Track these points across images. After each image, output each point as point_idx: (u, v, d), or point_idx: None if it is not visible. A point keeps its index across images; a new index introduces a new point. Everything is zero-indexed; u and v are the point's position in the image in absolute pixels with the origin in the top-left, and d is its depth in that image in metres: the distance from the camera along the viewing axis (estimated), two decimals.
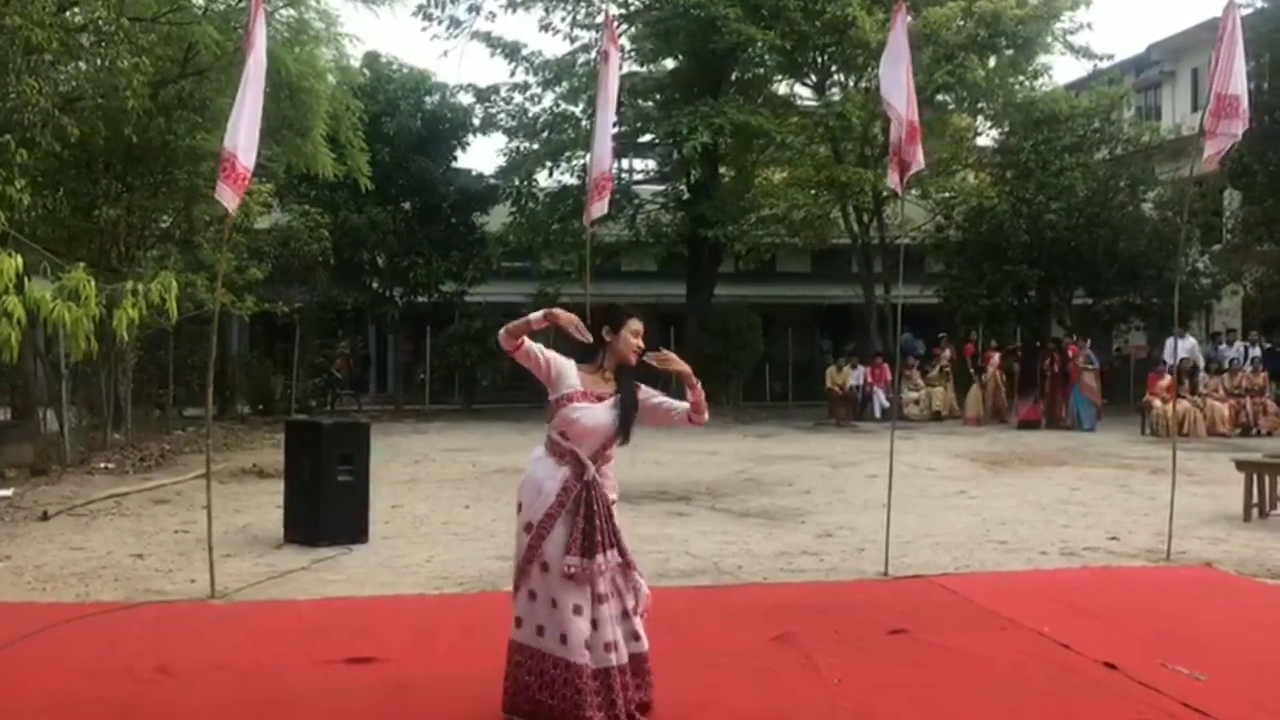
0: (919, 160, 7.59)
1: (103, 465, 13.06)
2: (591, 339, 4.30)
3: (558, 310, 4.26)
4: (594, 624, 4.21)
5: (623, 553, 4.33)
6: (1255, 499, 9.74)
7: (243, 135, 6.62)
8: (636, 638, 4.34)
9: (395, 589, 6.99)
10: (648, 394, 4.43)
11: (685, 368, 4.35)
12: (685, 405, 4.44)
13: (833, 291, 28.70)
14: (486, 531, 8.97)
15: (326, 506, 8.31)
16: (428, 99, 24.31)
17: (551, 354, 4.33)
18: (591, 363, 4.37)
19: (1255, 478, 9.84)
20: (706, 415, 4.44)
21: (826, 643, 5.56)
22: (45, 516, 9.52)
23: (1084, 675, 5.06)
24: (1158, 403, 18.14)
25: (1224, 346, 22.28)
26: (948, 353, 23.11)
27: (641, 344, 4.37)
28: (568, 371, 4.31)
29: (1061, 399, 20.33)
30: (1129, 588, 7.10)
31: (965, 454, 15.26)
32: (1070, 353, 20.62)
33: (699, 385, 4.41)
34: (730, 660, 5.28)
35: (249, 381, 23.04)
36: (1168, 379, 17.15)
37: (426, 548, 8.37)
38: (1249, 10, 22.82)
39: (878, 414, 21.78)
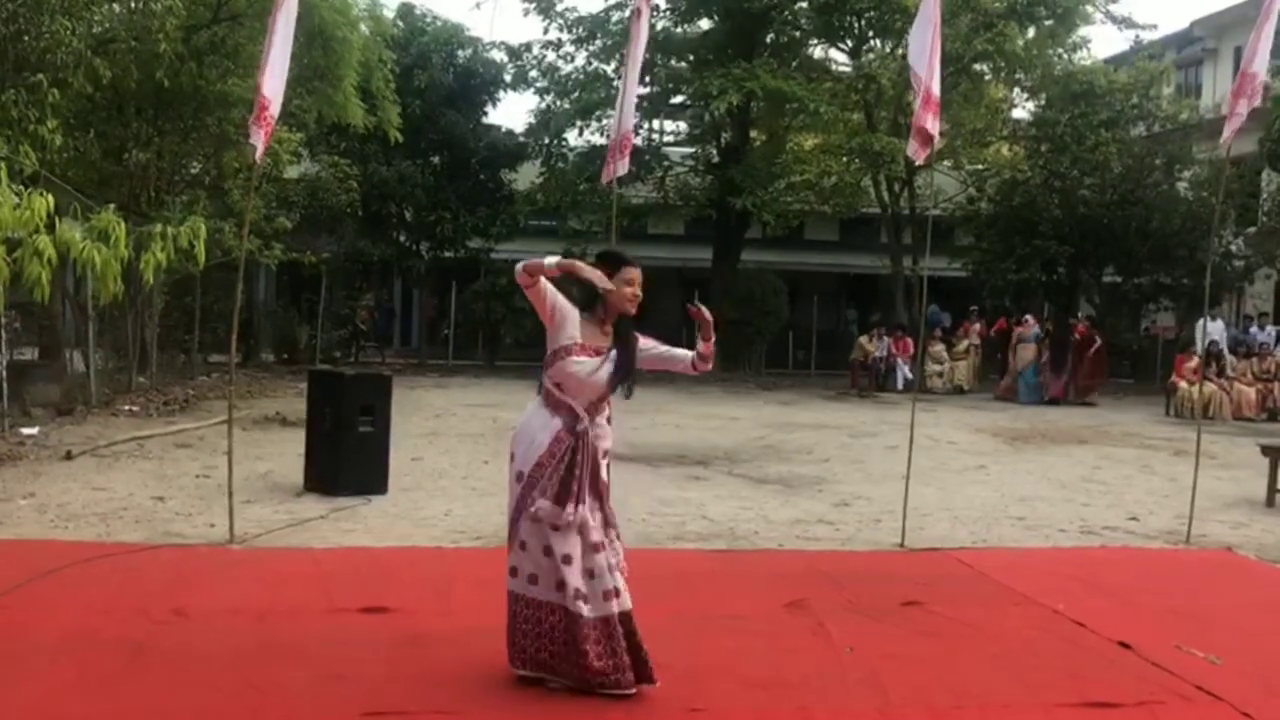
0: (934, 130, 7.43)
1: (127, 408, 13.18)
2: (612, 287, 4.21)
3: (578, 264, 4.18)
4: (590, 573, 4.22)
5: (604, 507, 4.34)
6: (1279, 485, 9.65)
7: (275, 80, 6.63)
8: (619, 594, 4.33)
9: (412, 541, 7.04)
10: (648, 344, 4.42)
11: (709, 321, 4.39)
12: (689, 353, 4.43)
13: (860, 261, 28.51)
14: (505, 487, 8.96)
15: (347, 457, 8.37)
16: (460, 53, 24.19)
17: (561, 299, 4.27)
18: (591, 313, 4.29)
19: None
20: (711, 364, 4.44)
21: (839, 611, 5.56)
22: (69, 456, 9.62)
23: (1097, 654, 5.04)
24: (1183, 384, 17.97)
25: (1255, 330, 22.03)
26: (977, 327, 22.91)
27: (639, 293, 4.32)
28: (570, 321, 4.25)
29: (1087, 376, 20.24)
30: (1147, 568, 7.05)
31: (987, 429, 15.18)
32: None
33: (713, 339, 4.45)
34: (742, 625, 5.29)
35: (274, 330, 23.19)
36: (1195, 361, 16.98)
37: (445, 501, 8.42)
38: None
39: (900, 385, 21.67)
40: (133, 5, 13.06)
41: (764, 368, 24.72)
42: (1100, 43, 49.02)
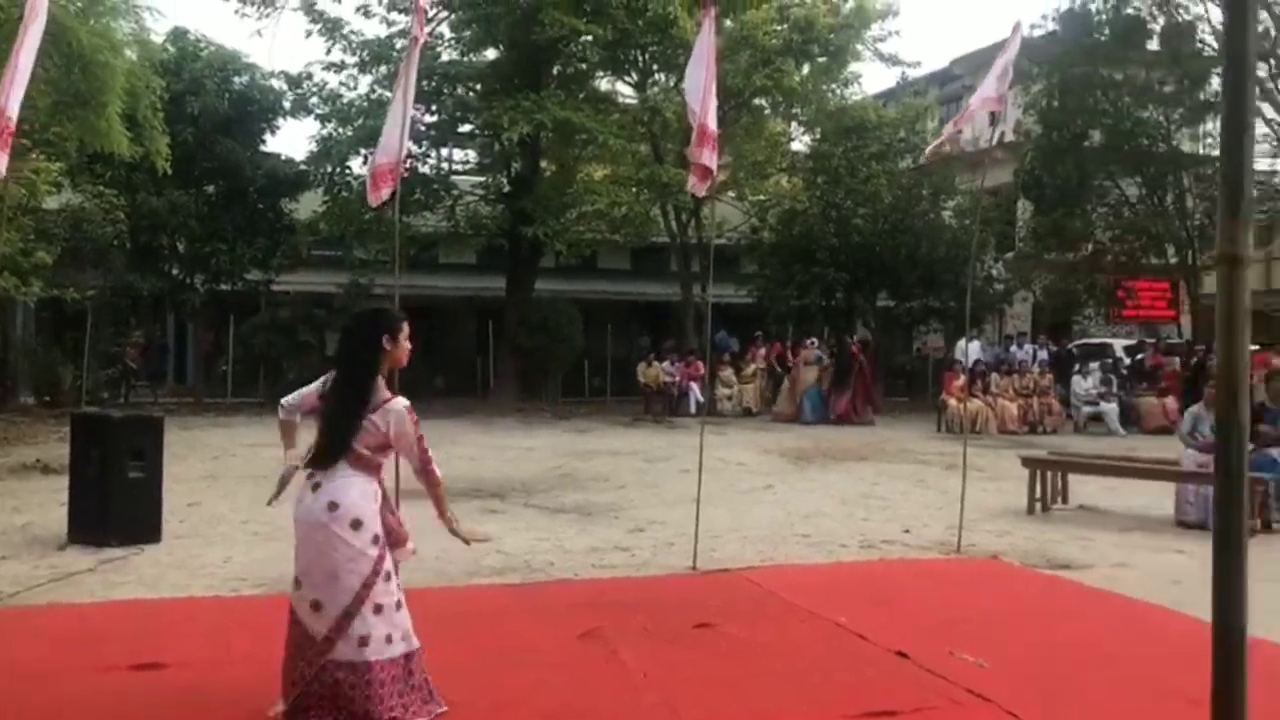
0: (710, 163, 7.64)
1: None
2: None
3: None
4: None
5: None
6: (1039, 494, 10.37)
7: (15, 98, 6.23)
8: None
9: (189, 591, 6.68)
10: (401, 416, 4.32)
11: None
12: (418, 462, 4.41)
13: (651, 288, 29.05)
14: (289, 531, 8.61)
15: (115, 504, 7.89)
16: (236, 79, 23.32)
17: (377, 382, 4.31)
18: (381, 374, 4.37)
19: (1039, 474, 10.47)
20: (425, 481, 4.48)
21: (634, 638, 5.59)
22: None
23: (878, 664, 5.25)
24: (953, 401, 19.07)
25: (1015, 348, 23.64)
26: (762, 351, 23.72)
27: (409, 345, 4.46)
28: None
29: (863, 396, 21.23)
30: (921, 578, 7.42)
31: (774, 449, 15.68)
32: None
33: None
34: (536, 658, 5.26)
35: (34, 371, 21.59)
36: (962, 379, 18.05)
37: (224, 547, 8.03)
38: (1043, 33, 24.36)
39: (693, 409, 22.13)
40: None
41: (559, 396, 24.77)
42: (870, 79, 51.96)
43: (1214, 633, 2.33)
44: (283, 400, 4.51)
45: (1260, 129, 23.09)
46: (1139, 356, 23.00)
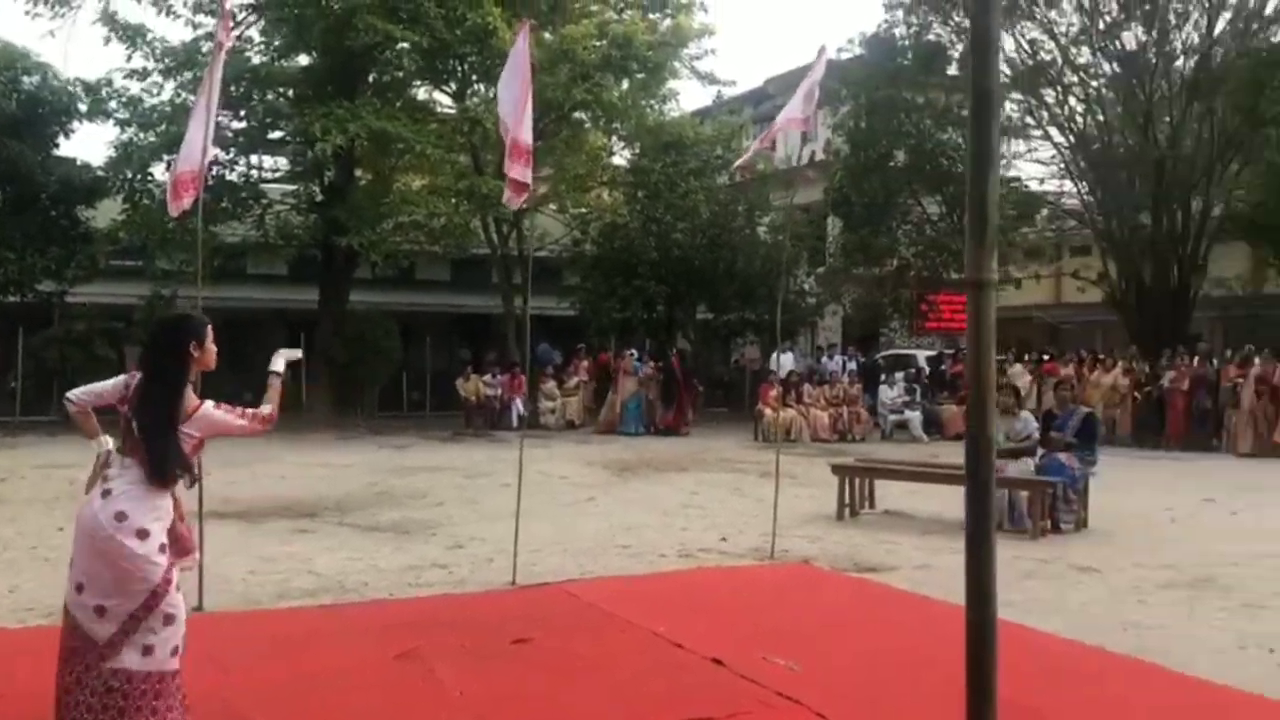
0: (523, 178, 7.64)
1: None
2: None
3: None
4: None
5: None
6: (848, 500, 10.74)
7: None
8: None
9: None
10: (212, 418, 4.21)
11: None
12: (250, 428, 4.25)
13: (472, 300, 28.76)
14: None
15: None
16: (26, 79, 21.90)
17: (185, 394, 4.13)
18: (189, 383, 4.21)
19: (848, 480, 10.86)
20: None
21: (452, 656, 5.50)
22: None
23: (695, 672, 5.32)
24: (768, 411, 19.58)
25: (826, 360, 24.46)
26: (585, 364, 23.80)
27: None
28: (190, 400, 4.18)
29: (681, 407, 21.61)
30: (737, 586, 7.58)
31: (597, 461, 15.73)
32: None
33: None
34: (349, 680, 5.10)
35: None
36: (777, 389, 18.56)
37: (9, 575, 7.49)
38: (850, 56, 25.37)
39: (515, 423, 21.98)
40: None
41: (376, 411, 24.21)
42: (688, 97, 52.93)
43: (967, 623, 2.46)
44: (69, 394, 4.28)
45: (1049, 152, 24.72)
46: (941, 366, 24.14)
